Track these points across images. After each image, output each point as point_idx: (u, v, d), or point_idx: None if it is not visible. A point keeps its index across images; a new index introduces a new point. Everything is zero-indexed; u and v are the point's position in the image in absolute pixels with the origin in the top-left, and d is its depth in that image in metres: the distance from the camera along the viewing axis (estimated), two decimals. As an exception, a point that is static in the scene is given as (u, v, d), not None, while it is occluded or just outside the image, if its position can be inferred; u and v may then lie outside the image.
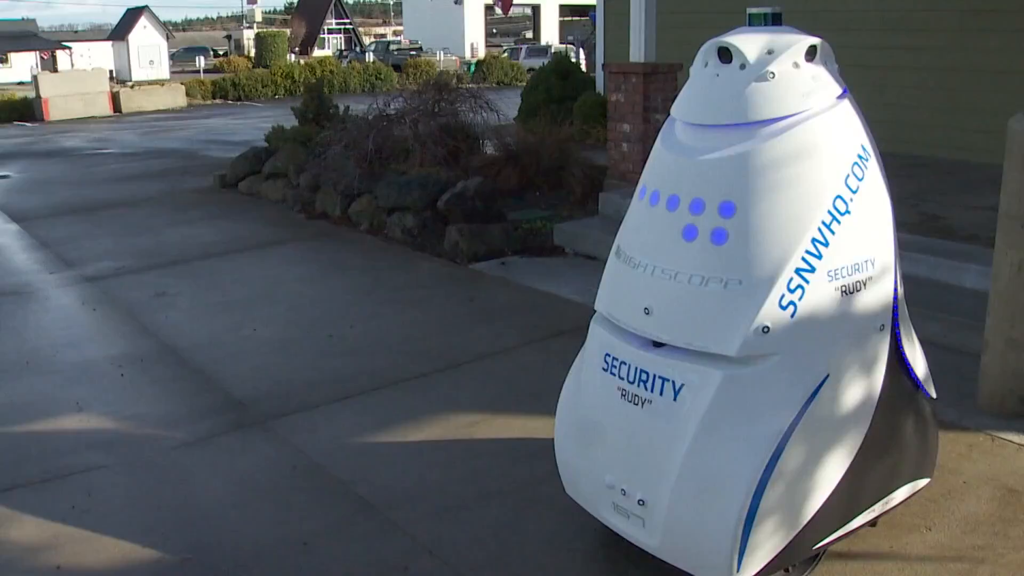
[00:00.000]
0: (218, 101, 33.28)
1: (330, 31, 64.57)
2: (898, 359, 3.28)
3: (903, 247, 6.27)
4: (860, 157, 3.08)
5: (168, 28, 53.43)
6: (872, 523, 3.44)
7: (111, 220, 10.79)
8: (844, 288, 3.01)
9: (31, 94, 28.78)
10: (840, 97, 3.12)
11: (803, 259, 2.93)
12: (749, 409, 2.96)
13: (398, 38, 60.83)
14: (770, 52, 3.05)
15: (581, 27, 43.42)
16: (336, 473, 4.35)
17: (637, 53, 8.72)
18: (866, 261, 3.06)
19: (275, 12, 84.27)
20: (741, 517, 2.92)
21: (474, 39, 57.07)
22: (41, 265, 8.72)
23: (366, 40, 65.46)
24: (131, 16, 48.10)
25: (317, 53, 55.10)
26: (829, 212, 2.97)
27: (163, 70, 46.26)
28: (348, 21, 66.61)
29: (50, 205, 11.99)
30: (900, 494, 3.44)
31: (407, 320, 6.58)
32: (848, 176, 3.03)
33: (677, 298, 3.04)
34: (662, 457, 3.07)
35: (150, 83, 36.63)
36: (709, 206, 2.99)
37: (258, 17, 73.85)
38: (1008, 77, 9.27)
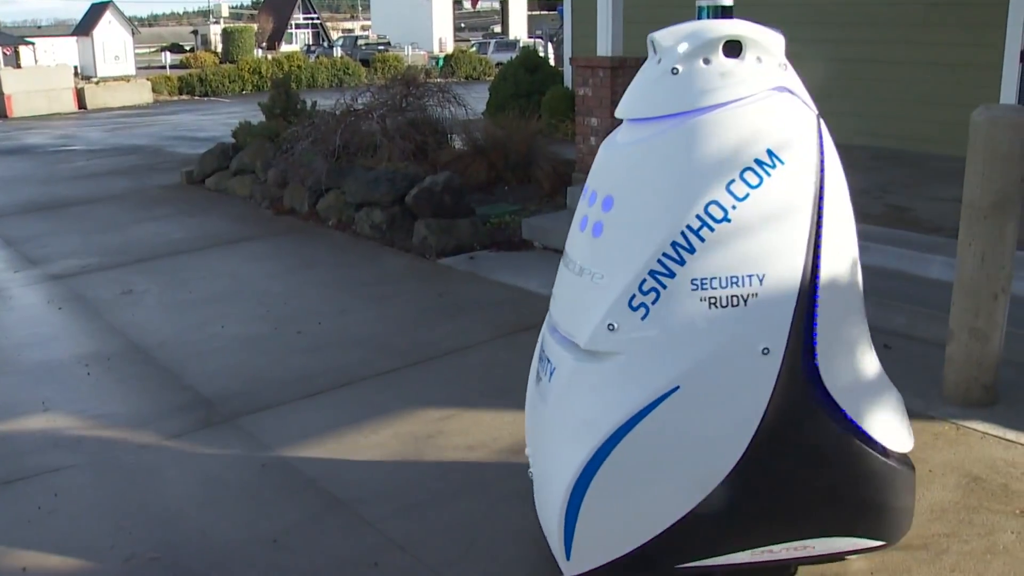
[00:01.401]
0: (185, 97, 33.04)
1: (297, 26, 64.25)
2: (816, 397, 2.99)
3: (869, 239, 6.35)
4: (759, 163, 2.83)
5: (134, 24, 52.97)
6: (787, 566, 3.23)
7: (77, 218, 10.69)
8: (713, 301, 2.82)
9: (-7, 91, 28.43)
10: (758, 96, 2.89)
11: (660, 262, 2.81)
12: (587, 402, 2.98)
13: (366, 33, 60.63)
14: (682, 46, 2.93)
15: (549, 21, 43.41)
16: (305, 470, 4.33)
17: (604, 47, 8.74)
18: (749, 276, 2.82)
19: (242, 7, 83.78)
20: (563, 505, 2.96)
21: (442, 34, 56.95)
22: (5, 263, 8.63)
23: (334, 35, 65.19)
24: (96, 11, 47.58)
25: (284, 48, 54.76)
26: (699, 218, 2.80)
27: (129, 66, 45.81)
28: (315, 16, 66.30)
29: (14, 203, 11.85)
30: (827, 545, 3.15)
31: (376, 315, 6.56)
32: (733, 182, 2.80)
33: (567, 286, 3.11)
34: (538, 435, 3.27)
35: (116, 79, 36.26)
36: (598, 199, 3.01)
37: (225, 12, 73.37)
38: (971, 70, 9.36)
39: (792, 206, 2.86)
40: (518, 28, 59.19)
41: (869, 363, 3.13)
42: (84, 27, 47.64)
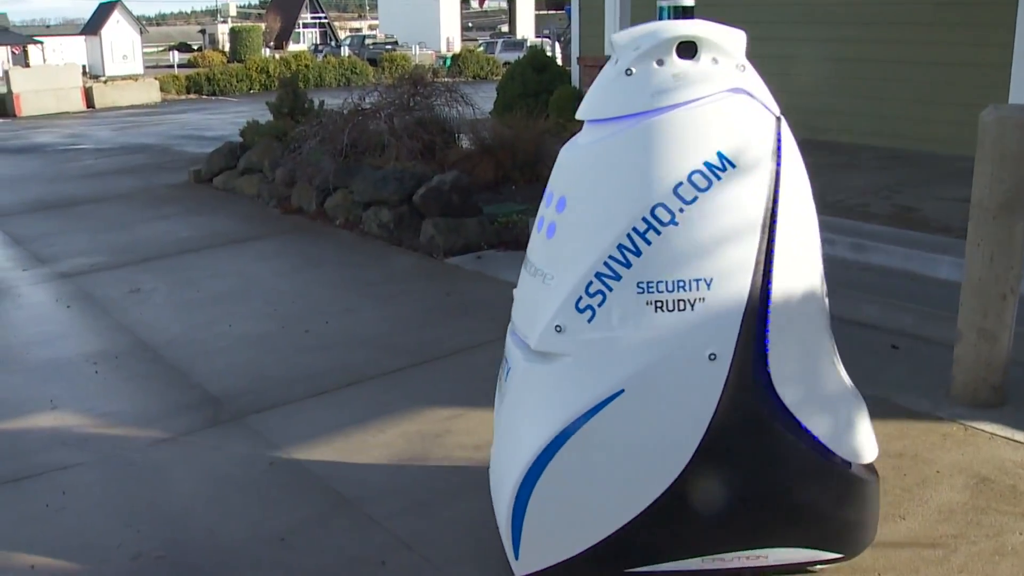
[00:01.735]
0: (192, 96, 33.10)
1: (305, 25, 64.37)
2: (768, 406, 2.95)
3: (877, 239, 6.35)
4: (709, 166, 2.80)
5: (142, 23, 53.08)
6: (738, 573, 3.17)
7: (85, 216, 10.71)
8: (658, 304, 2.81)
9: (2, 89, 28.52)
10: (712, 98, 2.86)
11: (606, 264, 2.81)
12: (535, 402, 3.00)
13: (373, 32, 60.70)
14: (637, 47, 2.90)
15: (557, 21, 43.43)
16: (312, 469, 4.34)
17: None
18: (697, 280, 2.80)
19: (250, 7, 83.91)
20: (511, 504, 3.00)
21: (450, 33, 56.99)
22: (14, 262, 8.65)
23: (341, 34, 65.26)
24: (104, 11, 47.69)
25: (292, 48, 54.85)
26: (645, 220, 2.78)
27: (137, 65, 45.91)
28: (323, 15, 66.41)
29: (23, 201, 11.88)
30: (781, 556, 3.11)
31: (383, 315, 6.57)
32: (681, 185, 2.79)
33: (525, 288, 3.15)
34: (496, 434, 3.32)
35: (124, 78, 36.37)
36: (553, 200, 3.02)
37: (232, 12, 73.53)
38: (980, 70, 9.34)
39: (743, 210, 2.83)
40: (525, 28, 59.22)
41: (829, 372, 3.09)
42: (92, 26, 47.78)
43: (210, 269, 8.00)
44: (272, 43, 56.15)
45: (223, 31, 59.10)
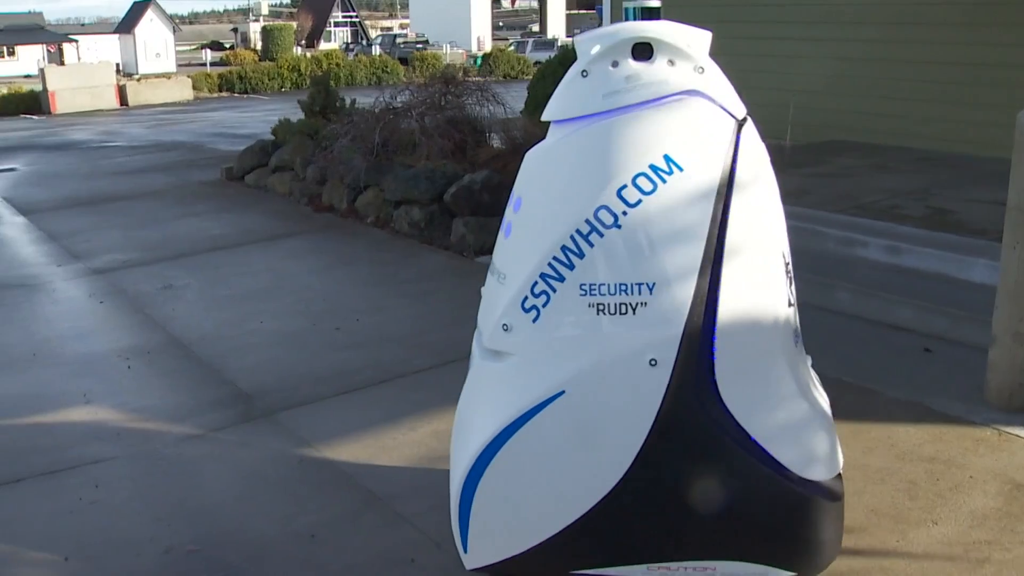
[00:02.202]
0: (224, 94, 33.35)
1: (336, 24, 64.61)
2: (714, 416, 2.87)
3: (910, 241, 6.30)
4: (655, 169, 2.76)
5: (175, 21, 53.45)
6: None
7: (118, 213, 10.80)
8: (600, 307, 2.79)
9: (38, 87, 28.84)
10: (665, 100, 2.83)
11: (551, 265, 2.81)
12: (484, 399, 3.04)
13: (404, 31, 60.82)
14: (594, 49, 2.88)
15: (588, 20, 43.38)
16: (342, 466, 4.35)
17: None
18: (639, 284, 2.76)
19: (282, 5, 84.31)
20: (458, 499, 3.02)
21: (480, 32, 57.05)
22: (49, 258, 8.74)
23: (372, 33, 65.50)
24: (138, 9, 48.14)
25: (323, 46, 55.07)
26: (588, 222, 2.77)
27: (170, 63, 46.28)
28: (354, 14, 66.62)
29: (57, 198, 12.01)
30: (729, 569, 3.03)
31: (414, 313, 6.58)
32: (625, 188, 2.76)
33: (486, 286, 3.13)
34: (454, 427, 3.33)
35: (157, 76, 36.69)
36: (512, 200, 3.03)
37: (264, 10, 73.94)
38: (1016, 71, 9.24)
39: (689, 215, 2.78)
40: (556, 27, 59.20)
41: (785, 385, 2.99)
42: (126, 25, 48.26)
43: (242, 266, 8.05)
44: (304, 42, 56.42)
45: (255, 30, 59.46)
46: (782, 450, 2.91)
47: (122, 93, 29.58)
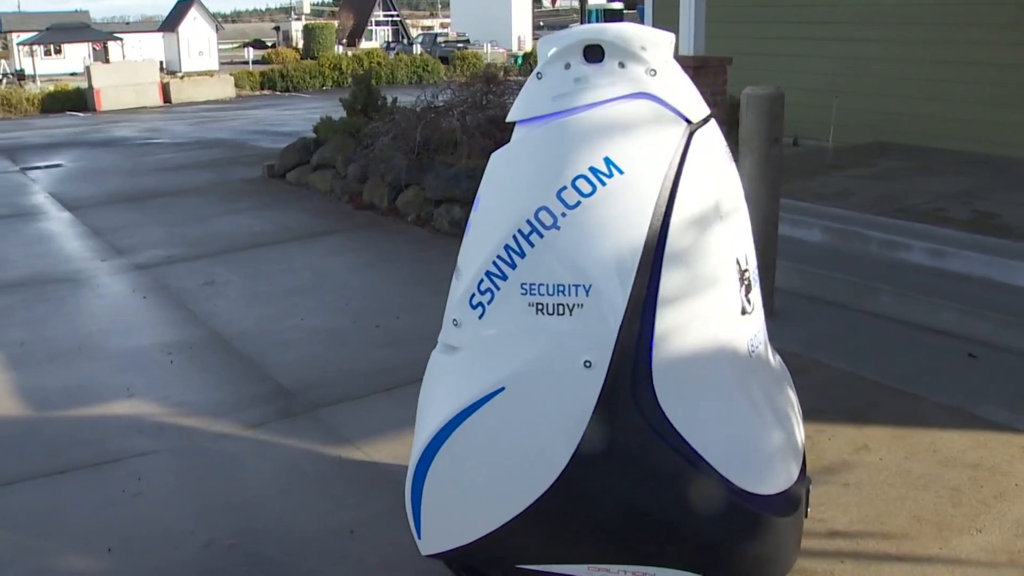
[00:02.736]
0: (266, 92, 33.57)
1: (378, 23, 64.82)
2: (651, 421, 2.83)
3: (954, 244, 6.23)
4: (594, 171, 2.75)
5: (218, 20, 53.89)
6: None
7: (161, 209, 10.91)
8: (539, 306, 2.80)
9: (84, 84, 29.19)
10: (611, 102, 2.81)
11: (495, 264, 2.84)
12: (435, 391, 3.10)
13: (445, 30, 60.92)
14: (550, 51, 2.90)
15: (629, 20, 43.24)
16: (382, 463, 4.37)
17: (686, 46, 8.67)
18: (576, 286, 2.76)
19: (323, 4, 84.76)
20: (410, 485, 3.07)
21: (521, 31, 57.03)
22: (93, 253, 8.84)
23: (413, 32, 65.65)
24: (181, 8, 48.59)
25: (364, 45, 55.31)
26: (529, 222, 2.78)
27: (212, 61, 46.66)
28: (395, 13, 66.81)
29: (102, 194, 12.14)
30: None
31: (453, 312, 6.58)
32: (565, 189, 2.76)
33: (453, 282, 3.14)
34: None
35: (200, 74, 37.00)
36: (476, 199, 3.06)
37: (306, 9, 74.36)
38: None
39: (627, 218, 2.75)
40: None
41: (732, 394, 2.93)
42: (170, 23, 48.71)
43: (283, 263, 8.10)
44: (345, 40, 56.67)
45: (297, 28, 59.78)
46: (723, 461, 2.85)
47: (165, 90, 29.89)
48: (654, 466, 2.85)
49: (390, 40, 61.46)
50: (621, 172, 2.75)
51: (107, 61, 39.03)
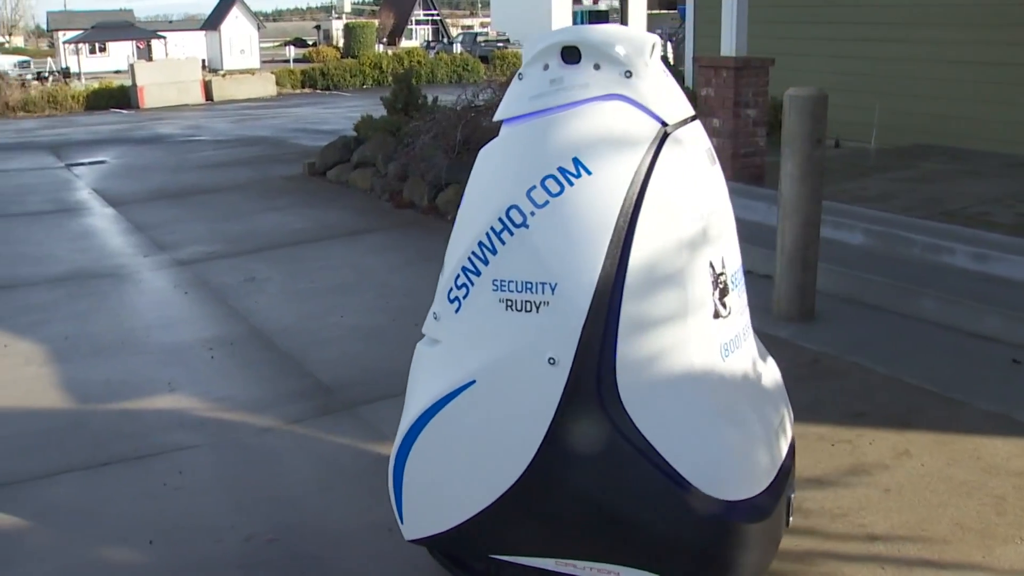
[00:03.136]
0: (307, 90, 33.76)
1: (418, 22, 65.02)
2: (614, 420, 2.84)
3: (999, 248, 6.15)
4: (563, 171, 2.79)
5: (259, 18, 54.28)
6: None
7: (203, 205, 11.01)
8: (509, 303, 2.87)
9: (127, 82, 29.50)
10: (584, 103, 2.84)
11: (470, 260, 2.92)
12: (417, 381, 3.16)
13: (485, 30, 60.94)
14: (531, 52, 2.96)
15: (669, 20, 43.08)
16: (420, 460, 4.38)
17: (728, 47, 8.63)
18: (543, 284, 2.81)
19: (364, 3, 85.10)
20: (392, 472, 3.19)
21: (561, 32, 56.94)
22: (136, 248, 8.94)
23: (453, 31, 65.75)
24: (223, 6, 48.96)
25: (404, 44, 55.51)
26: (501, 220, 2.85)
27: (254, 59, 46.99)
28: (436, 12, 66.98)
29: (145, 190, 12.27)
30: None
31: (492, 311, 6.58)
32: (534, 188, 2.81)
33: None
34: None
35: (241, 72, 37.26)
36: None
37: (347, 8, 74.75)
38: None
39: (593, 218, 2.78)
40: (637, 27, 58.89)
41: (700, 398, 2.89)
42: (212, 22, 49.11)
43: (323, 260, 8.15)
44: (385, 39, 56.88)
45: (337, 27, 60.08)
46: (686, 463, 2.83)
47: (207, 88, 30.13)
48: (617, 465, 2.87)
49: (430, 39, 61.62)
50: (589, 173, 2.79)
51: (150, 59, 39.42)
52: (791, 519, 3.24)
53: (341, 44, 52.32)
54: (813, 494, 3.90)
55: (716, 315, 2.92)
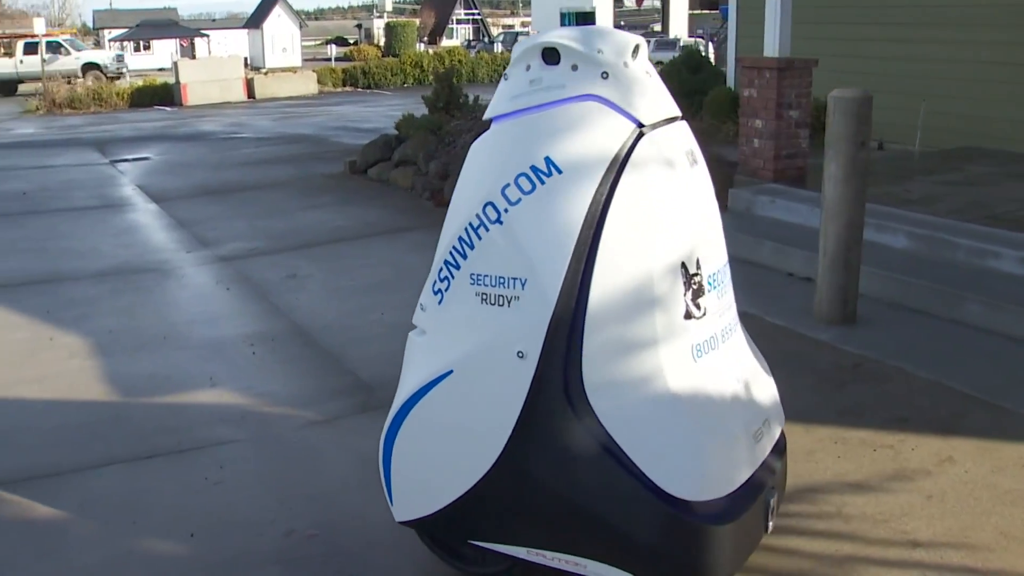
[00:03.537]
0: (348, 89, 33.91)
1: (459, 21, 65.18)
2: (579, 415, 2.89)
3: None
4: (535, 170, 2.85)
5: (301, 17, 54.59)
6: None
7: (245, 202, 11.09)
8: (484, 296, 2.95)
9: (171, 80, 29.77)
10: (559, 104, 2.89)
11: (451, 254, 3.02)
12: (407, 370, 3.27)
13: (526, 29, 60.99)
14: (518, 54, 3.03)
15: (711, 21, 42.90)
16: (459, 458, 4.38)
17: (772, 47, 8.58)
18: (514, 279, 2.89)
19: (405, 2, 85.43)
20: (381, 455, 3.32)
21: (602, 31, 56.82)
22: (178, 244, 9.02)
23: (494, 31, 65.84)
24: (266, 5, 49.25)
25: (445, 43, 55.64)
26: (478, 216, 2.94)
27: (296, 58, 47.25)
28: (476, 12, 67.11)
29: (187, 186, 12.38)
30: (598, 570, 2.99)
31: (531, 310, 6.58)
32: (508, 186, 2.88)
33: None
34: None
35: (283, 70, 37.50)
36: None
37: (388, 7, 75.04)
38: None
39: (562, 216, 2.83)
40: (678, 27, 58.59)
41: (666, 398, 2.87)
42: (255, 20, 49.43)
43: (364, 258, 8.18)
44: (426, 38, 57.06)
45: (379, 26, 60.30)
46: (648, 460, 2.86)
47: (250, 86, 30.34)
48: (581, 459, 2.93)
49: (471, 38, 61.77)
50: (560, 172, 2.84)
51: (194, 57, 39.73)
52: (771, 524, 3.22)
53: (382, 43, 52.57)
54: (854, 499, 3.87)
55: (688, 316, 2.93)
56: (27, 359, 5.94)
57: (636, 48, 2.94)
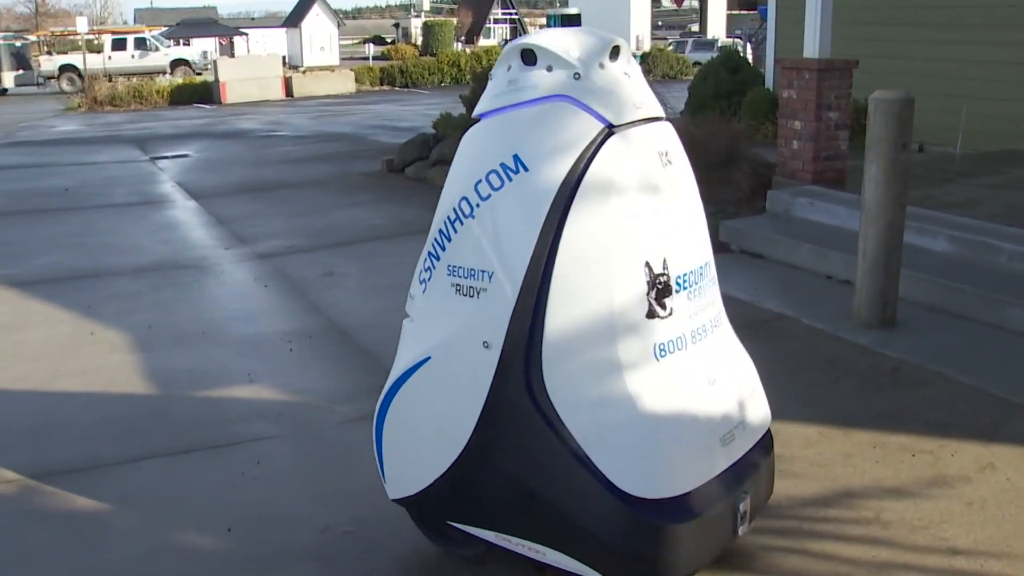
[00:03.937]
0: (385, 87, 34.06)
1: (496, 21, 65.17)
2: (538, 406, 2.96)
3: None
4: (504, 167, 2.96)
5: (339, 16, 54.87)
6: (538, 566, 3.20)
7: (283, 200, 11.16)
8: (458, 287, 3.08)
9: (210, 78, 30.03)
10: (532, 103, 2.97)
11: (433, 245, 3.15)
12: (398, 355, 3.37)
13: (563, 29, 60.89)
14: (501, 55, 3.12)
15: (749, 21, 42.66)
16: (495, 457, 4.39)
17: (811, 48, 8.52)
18: (482, 271, 3.01)
19: (443, 2, 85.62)
20: (373, 435, 3.47)
21: (640, 31, 56.59)
22: (217, 241, 9.10)
23: (531, 31, 65.81)
24: (304, 4, 49.58)
25: (483, 43, 55.68)
26: (455, 210, 3.06)
27: (333, 57, 47.51)
28: (514, 11, 67.06)
29: (226, 184, 12.48)
30: (556, 559, 3.06)
31: (567, 310, 6.58)
32: (480, 182, 2.99)
33: None
34: None
35: (321, 69, 37.71)
36: None
37: (426, 6, 75.12)
38: None
39: (525, 212, 2.93)
40: (716, 27, 58.35)
41: (624, 395, 2.90)
42: (293, 19, 49.78)
43: (401, 256, 8.18)
44: (463, 37, 57.14)
45: (416, 25, 60.52)
46: (603, 456, 2.91)
47: (288, 85, 30.56)
48: (540, 450, 3.01)
49: (508, 38, 61.76)
50: (527, 169, 2.93)
51: (233, 55, 40.02)
52: (742, 528, 3.20)
53: (420, 42, 52.74)
54: (892, 504, 3.83)
55: (651, 315, 2.94)
56: (69, 353, 6.01)
57: (615, 50, 3.02)
